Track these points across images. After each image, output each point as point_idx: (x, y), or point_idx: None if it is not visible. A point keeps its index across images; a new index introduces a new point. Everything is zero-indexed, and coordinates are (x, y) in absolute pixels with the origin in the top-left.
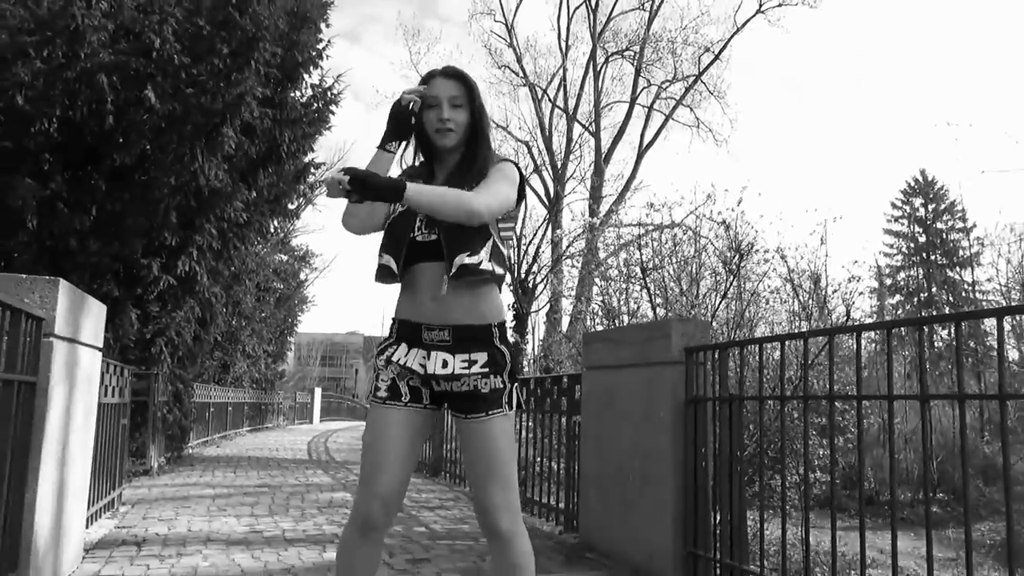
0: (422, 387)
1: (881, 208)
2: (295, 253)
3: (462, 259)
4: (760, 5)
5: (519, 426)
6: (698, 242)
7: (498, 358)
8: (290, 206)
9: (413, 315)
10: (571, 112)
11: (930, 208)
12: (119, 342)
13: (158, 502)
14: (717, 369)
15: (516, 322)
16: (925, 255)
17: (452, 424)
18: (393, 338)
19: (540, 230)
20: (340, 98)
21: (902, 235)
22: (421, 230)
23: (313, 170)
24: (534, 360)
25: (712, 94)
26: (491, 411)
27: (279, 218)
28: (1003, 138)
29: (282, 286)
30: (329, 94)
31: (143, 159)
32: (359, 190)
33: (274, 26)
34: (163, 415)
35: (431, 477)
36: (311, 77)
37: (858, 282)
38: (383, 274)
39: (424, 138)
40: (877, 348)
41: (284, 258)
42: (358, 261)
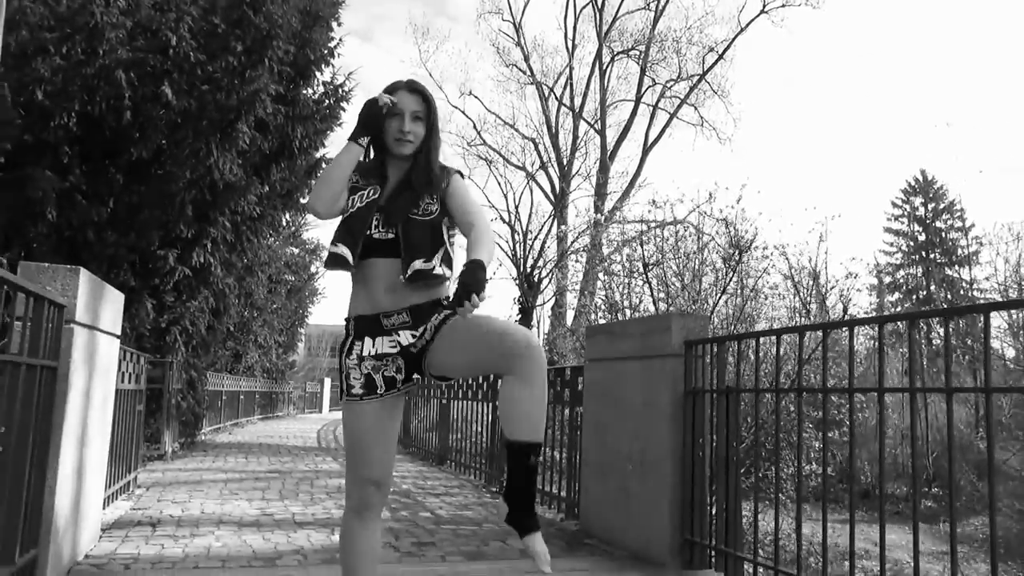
0: (396, 373)
1: (882, 207)
2: (306, 246)
3: (416, 264)
4: (764, 5)
5: None
6: (700, 239)
7: (444, 304)
8: (302, 200)
9: (368, 308)
10: (577, 110)
11: (930, 207)
12: (135, 331)
13: (172, 485)
14: (715, 362)
15: (522, 316)
16: (924, 253)
17: (456, 412)
18: (351, 336)
19: (545, 226)
20: (351, 95)
21: (902, 234)
22: (378, 228)
23: (324, 165)
24: None
25: (716, 93)
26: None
27: (291, 212)
28: (1003, 137)
29: (293, 278)
30: (340, 91)
31: (159, 153)
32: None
33: (287, 24)
34: (177, 402)
35: (437, 465)
36: (323, 74)
37: (855, 278)
38: (336, 262)
39: (380, 140)
40: (876, 345)
41: (295, 251)
42: None
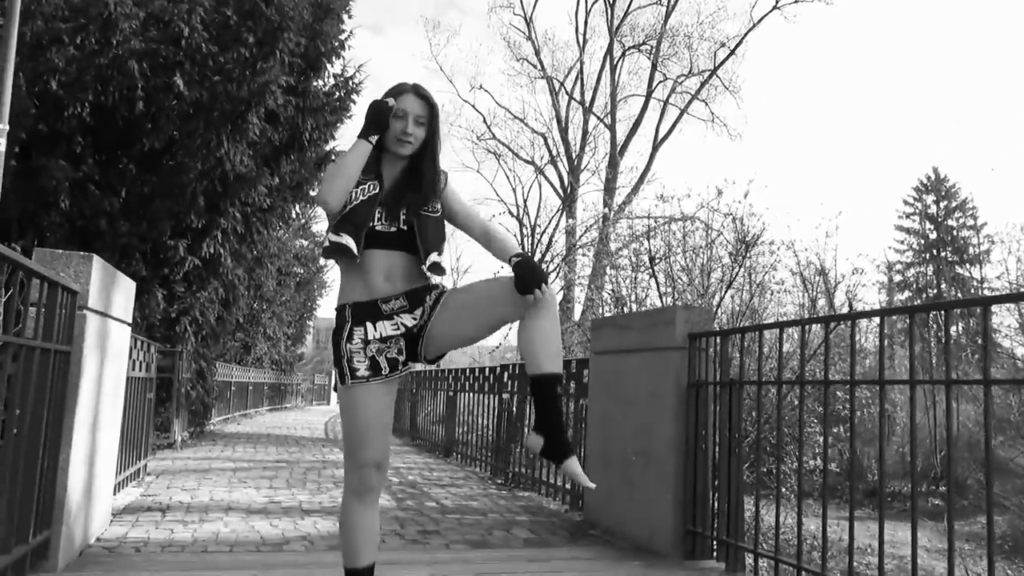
0: (397, 355)
1: (893, 204)
2: (316, 239)
3: (434, 256)
4: (776, 1)
5: (528, 411)
6: (708, 234)
7: (436, 293)
8: (311, 192)
9: (365, 295)
10: (587, 105)
11: (941, 205)
12: (146, 320)
13: (181, 473)
14: (719, 355)
15: None
16: (935, 252)
17: (463, 405)
18: (349, 322)
19: (553, 220)
20: (361, 88)
21: (913, 231)
22: (381, 221)
23: (334, 158)
24: None
25: (727, 89)
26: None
27: (301, 204)
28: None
29: (302, 271)
30: (351, 84)
31: (171, 144)
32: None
33: (298, 16)
34: (187, 391)
35: (443, 457)
36: (333, 67)
37: (862, 274)
38: (339, 251)
39: (380, 139)
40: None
41: (305, 243)
42: None
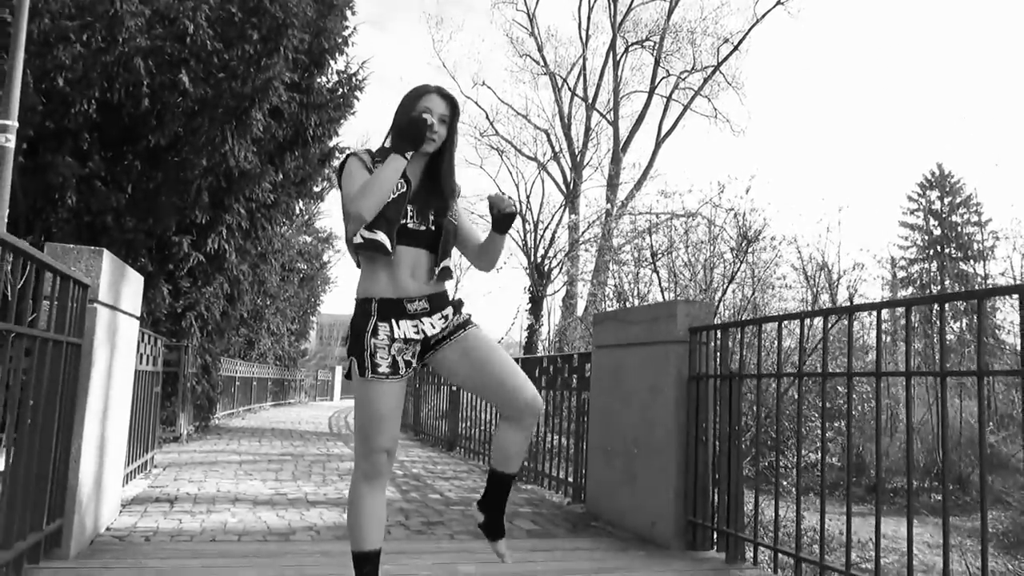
0: (411, 358)
1: (897, 201)
2: (319, 235)
3: (447, 263)
4: None
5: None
6: (711, 230)
7: (456, 305)
8: (315, 188)
9: (392, 292)
10: (590, 101)
11: (946, 201)
12: (152, 315)
13: (188, 466)
14: (719, 348)
15: (532, 305)
16: (940, 248)
17: (466, 401)
18: (375, 317)
19: (557, 215)
20: (365, 84)
21: (917, 228)
22: (413, 219)
23: (338, 154)
24: (548, 343)
25: (731, 85)
26: (474, 322)
27: (304, 200)
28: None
29: (306, 267)
30: (354, 80)
31: (176, 140)
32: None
33: (302, 13)
34: (192, 386)
35: (447, 452)
36: (337, 63)
37: (862, 269)
38: (374, 247)
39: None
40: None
41: (308, 239)
42: None
